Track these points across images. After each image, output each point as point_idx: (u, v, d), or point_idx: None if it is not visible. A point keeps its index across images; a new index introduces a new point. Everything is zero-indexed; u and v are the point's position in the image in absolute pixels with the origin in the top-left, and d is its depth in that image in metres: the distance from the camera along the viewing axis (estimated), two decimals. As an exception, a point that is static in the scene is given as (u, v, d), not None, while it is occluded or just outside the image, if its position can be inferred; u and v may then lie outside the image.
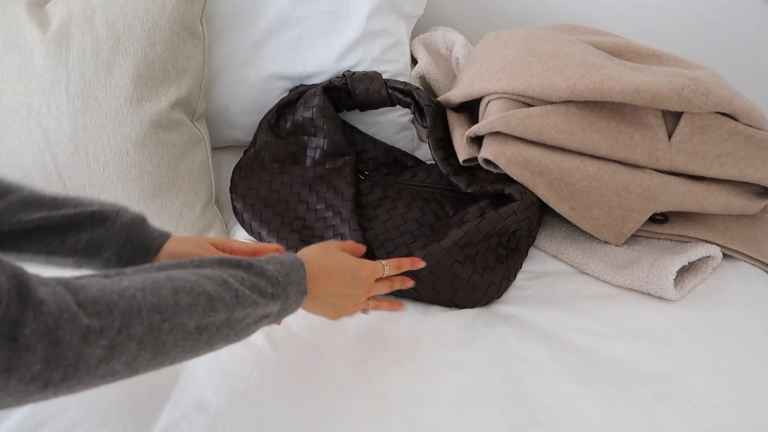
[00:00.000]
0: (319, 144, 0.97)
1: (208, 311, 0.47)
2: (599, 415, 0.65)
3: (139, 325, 0.43)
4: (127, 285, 0.44)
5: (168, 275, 0.47)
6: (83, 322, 0.39)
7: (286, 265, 0.56)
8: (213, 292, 0.48)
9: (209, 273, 0.50)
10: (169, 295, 0.45)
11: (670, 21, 1.24)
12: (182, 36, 0.88)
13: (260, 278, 0.53)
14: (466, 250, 0.80)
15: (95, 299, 0.41)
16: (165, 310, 0.45)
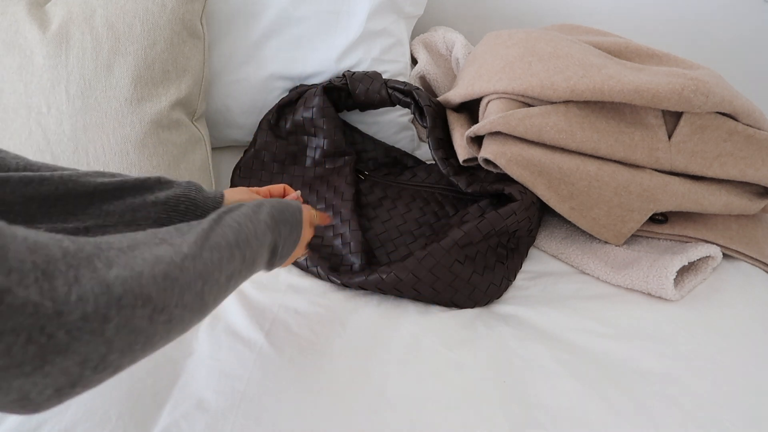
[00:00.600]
0: (319, 144, 0.97)
1: (231, 261, 0.50)
2: (599, 415, 0.65)
3: (190, 293, 0.44)
4: (186, 254, 0.45)
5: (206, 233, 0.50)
6: (150, 305, 0.40)
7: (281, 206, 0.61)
8: (232, 240, 0.51)
9: (227, 220, 0.53)
10: (208, 258, 0.47)
11: (671, 21, 1.24)
12: (182, 36, 0.88)
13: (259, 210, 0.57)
14: (466, 250, 0.80)
15: (164, 274, 0.42)
16: (205, 273, 0.47)
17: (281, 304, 0.79)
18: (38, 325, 0.34)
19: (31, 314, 0.34)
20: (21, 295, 0.33)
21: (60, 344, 0.35)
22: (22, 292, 0.33)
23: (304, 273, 0.85)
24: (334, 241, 0.87)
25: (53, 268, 0.36)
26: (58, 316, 0.35)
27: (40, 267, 0.35)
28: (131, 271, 0.40)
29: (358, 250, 0.84)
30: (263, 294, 0.80)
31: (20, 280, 0.34)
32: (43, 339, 0.34)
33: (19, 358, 0.33)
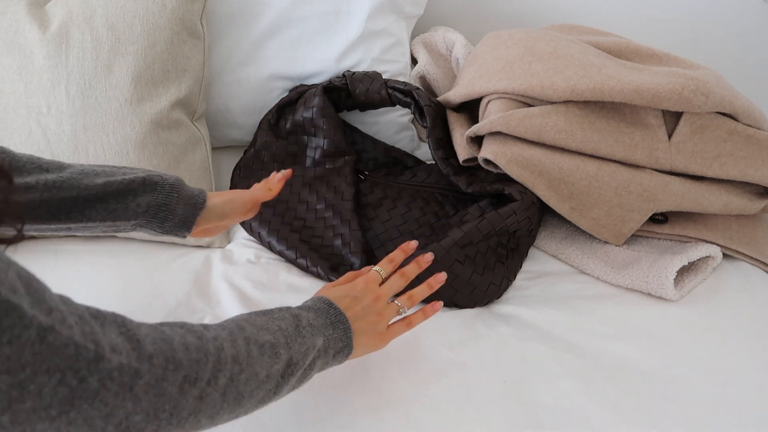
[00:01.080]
0: (319, 144, 0.97)
1: (273, 358, 0.49)
2: (599, 415, 0.65)
3: (224, 375, 0.44)
4: (216, 335, 0.45)
5: (238, 325, 0.50)
6: (182, 372, 0.40)
7: (310, 302, 0.60)
8: (272, 340, 0.50)
9: (258, 320, 0.53)
10: (243, 346, 0.47)
11: (671, 21, 1.24)
12: (182, 36, 0.88)
13: (299, 316, 0.56)
14: (466, 250, 0.80)
15: (196, 346, 0.42)
16: (242, 360, 0.46)
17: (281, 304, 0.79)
18: (74, 368, 0.33)
19: (70, 356, 0.33)
20: (65, 335, 0.33)
21: (90, 391, 0.34)
22: (66, 332, 0.33)
23: (304, 273, 0.85)
24: (334, 241, 0.87)
25: (88, 317, 0.36)
26: (96, 362, 0.35)
27: (77, 313, 0.35)
28: (161, 334, 0.41)
29: (358, 250, 0.84)
30: (263, 294, 0.80)
31: (63, 319, 0.33)
32: (75, 382, 0.33)
33: (47, 400, 0.33)
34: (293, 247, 0.86)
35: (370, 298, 0.62)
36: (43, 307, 0.32)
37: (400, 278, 0.66)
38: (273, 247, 0.88)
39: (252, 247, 0.90)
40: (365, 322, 0.61)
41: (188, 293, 0.80)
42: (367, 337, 0.61)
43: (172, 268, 0.84)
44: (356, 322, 0.60)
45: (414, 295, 0.66)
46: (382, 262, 0.67)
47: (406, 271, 0.66)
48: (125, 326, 0.39)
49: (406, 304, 0.65)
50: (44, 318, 0.32)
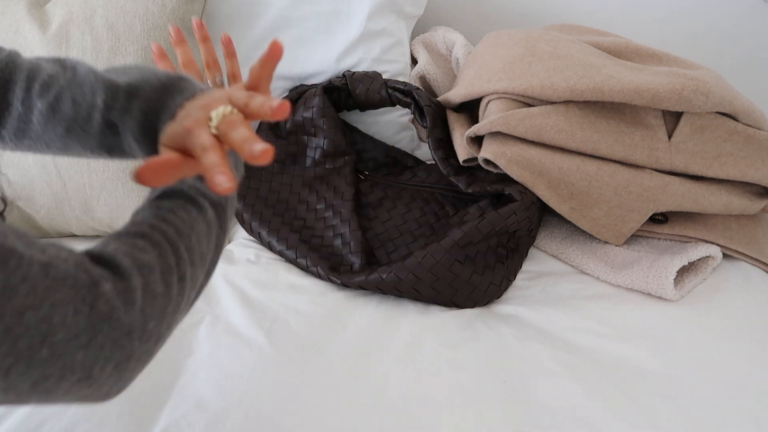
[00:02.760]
0: (319, 144, 0.97)
1: (200, 211, 0.49)
2: (599, 415, 0.65)
3: (183, 250, 0.45)
4: (151, 225, 0.46)
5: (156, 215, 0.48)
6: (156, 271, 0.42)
7: None
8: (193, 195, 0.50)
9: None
10: (174, 220, 0.47)
11: (670, 21, 1.24)
12: (182, 36, 0.88)
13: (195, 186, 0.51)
14: (466, 250, 0.80)
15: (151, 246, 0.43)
16: (183, 229, 0.47)
17: (281, 304, 0.79)
18: (81, 295, 0.36)
19: (71, 286, 0.35)
20: (62, 268, 0.35)
21: (102, 313, 0.37)
22: (63, 265, 0.35)
23: (304, 273, 0.85)
24: (334, 241, 0.87)
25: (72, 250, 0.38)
26: (95, 287, 0.37)
27: (65, 249, 0.38)
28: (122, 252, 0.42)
29: (358, 250, 0.84)
30: (263, 293, 0.80)
31: (57, 254, 0.36)
32: (87, 309, 0.36)
33: (73, 329, 0.35)
34: (293, 247, 0.86)
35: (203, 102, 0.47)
36: (36, 246, 0.35)
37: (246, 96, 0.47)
38: (273, 247, 0.88)
39: (252, 247, 0.90)
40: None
41: (188, 293, 0.80)
42: None
43: (172, 268, 0.84)
44: None
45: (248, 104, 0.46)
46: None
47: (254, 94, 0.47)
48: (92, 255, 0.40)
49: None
50: (41, 256, 0.34)
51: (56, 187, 0.84)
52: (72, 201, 0.85)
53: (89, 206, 0.86)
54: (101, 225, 0.89)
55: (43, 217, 0.87)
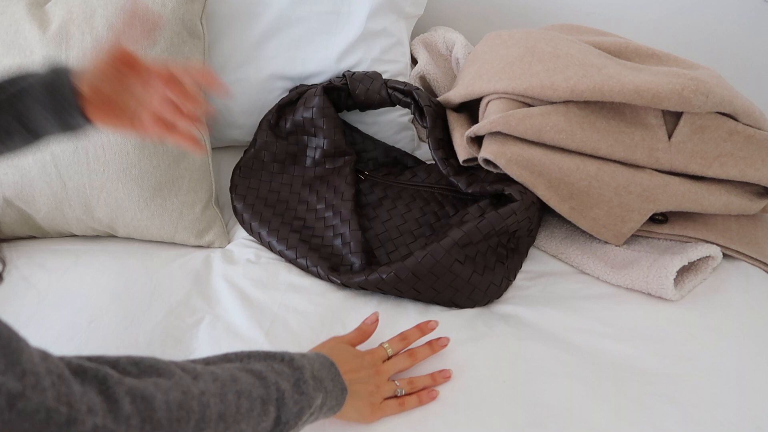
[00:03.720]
0: (319, 144, 0.97)
1: (261, 416, 0.48)
2: (599, 415, 0.65)
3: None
4: (203, 389, 0.44)
5: (232, 376, 0.48)
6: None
7: (316, 361, 0.58)
8: (265, 395, 0.49)
9: (260, 370, 0.51)
10: (233, 402, 0.46)
11: (670, 21, 1.24)
12: (182, 36, 0.88)
13: (302, 373, 0.54)
14: (466, 250, 0.80)
15: (179, 404, 0.41)
16: (229, 417, 0.45)
17: (281, 304, 0.79)
18: (46, 431, 0.33)
19: (41, 421, 0.32)
20: (35, 400, 0.32)
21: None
22: (37, 397, 0.32)
23: (304, 273, 0.85)
24: (334, 241, 0.87)
25: (67, 376, 0.35)
26: (68, 425, 0.34)
27: (55, 372, 0.34)
28: (143, 391, 0.39)
29: (358, 250, 0.84)
30: (263, 293, 0.80)
31: (36, 383, 0.33)
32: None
33: None
34: (293, 247, 0.86)
35: (374, 369, 0.64)
36: (17, 371, 0.32)
37: (407, 358, 0.67)
38: (273, 247, 0.88)
39: (252, 247, 0.90)
40: (363, 387, 0.62)
41: (188, 293, 0.80)
42: (359, 403, 0.61)
43: (172, 268, 0.84)
44: (354, 385, 0.61)
45: (415, 382, 0.66)
46: (393, 340, 0.69)
47: (416, 352, 0.68)
48: (106, 383, 0.38)
49: (405, 387, 0.66)
50: (14, 384, 0.31)
51: (56, 187, 0.84)
52: (72, 201, 0.85)
53: (89, 206, 0.86)
54: (101, 225, 0.89)
55: (43, 217, 0.87)
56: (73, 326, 0.74)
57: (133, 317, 0.76)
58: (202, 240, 0.90)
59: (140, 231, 0.89)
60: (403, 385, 0.66)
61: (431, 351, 0.69)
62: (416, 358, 0.68)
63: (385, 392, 0.64)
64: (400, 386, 0.65)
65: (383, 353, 0.67)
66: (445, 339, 0.70)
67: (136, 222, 0.88)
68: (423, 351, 0.69)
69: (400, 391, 0.65)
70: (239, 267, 0.85)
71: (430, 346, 0.69)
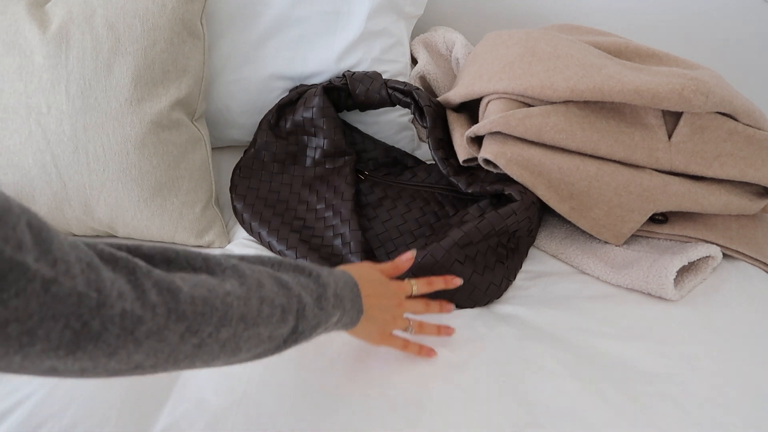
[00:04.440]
0: (319, 144, 0.97)
1: (280, 323, 0.50)
2: (599, 415, 0.65)
3: (227, 331, 0.45)
4: (229, 290, 0.46)
5: (259, 281, 0.49)
6: (184, 323, 0.42)
7: (341, 280, 0.59)
8: (286, 305, 0.51)
9: (287, 281, 0.52)
10: (255, 306, 0.48)
11: (670, 20, 1.24)
12: (182, 36, 0.88)
13: (325, 290, 0.55)
14: (466, 250, 0.80)
15: (204, 300, 0.43)
16: (249, 319, 0.47)
17: (281, 304, 0.79)
18: (78, 313, 0.35)
19: (73, 304, 0.35)
20: (68, 285, 0.35)
21: (93, 333, 0.36)
22: (69, 282, 0.35)
23: (304, 273, 0.85)
24: (334, 241, 0.87)
25: (96, 263, 0.38)
26: (99, 308, 0.36)
27: (85, 260, 0.37)
28: (170, 284, 0.42)
29: (358, 250, 0.84)
30: (263, 294, 0.80)
31: (67, 270, 0.35)
32: (78, 326, 0.36)
33: (55, 342, 0.35)
34: (293, 247, 0.86)
35: (396, 301, 0.67)
36: (49, 258, 0.34)
37: (424, 305, 0.71)
38: (273, 247, 0.88)
39: (252, 247, 0.90)
40: (380, 315, 0.65)
41: (188, 293, 0.80)
42: (372, 327, 0.64)
43: (172, 268, 0.84)
44: (373, 310, 0.63)
45: (424, 327, 0.70)
46: (420, 281, 0.71)
47: (431, 304, 0.72)
48: (134, 274, 0.40)
49: (414, 327, 0.69)
50: (48, 270, 0.34)
51: (56, 187, 0.84)
52: (72, 201, 0.85)
53: (89, 206, 0.86)
54: (101, 225, 0.89)
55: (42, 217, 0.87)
56: (73, 326, 0.74)
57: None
58: (202, 240, 0.90)
59: (140, 231, 0.89)
60: (414, 326, 0.69)
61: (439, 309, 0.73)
62: (430, 310, 0.71)
63: (397, 325, 0.67)
64: (412, 326, 0.69)
65: (409, 289, 0.69)
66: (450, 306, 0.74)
67: (136, 222, 0.88)
68: (435, 306, 0.72)
69: (410, 330, 0.69)
70: (239, 267, 0.85)
71: (439, 305, 0.73)
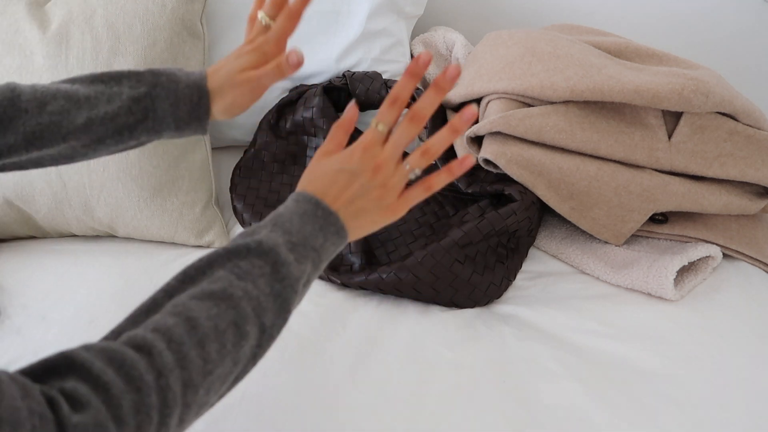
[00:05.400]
0: (319, 144, 0.97)
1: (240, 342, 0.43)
2: (599, 415, 0.65)
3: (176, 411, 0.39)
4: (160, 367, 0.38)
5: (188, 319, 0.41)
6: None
7: (296, 213, 0.49)
8: (237, 318, 0.43)
9: (224, 287, 0.44)
10: (196, 356, 0.40)
11: (670, 21, 1.24)
12: (182, 36, 0.88)
13: (276, 255, 0.46)
14: (466, 250, 0.80)
15: (136, 408, 0.37)
16: (196, 379, 0.40)
17: (281, 304, 0.79)
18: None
19: None
20: None
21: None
22: None
23: (304, 273, 0.85)
24: (334, 241, 0.87)
25: (48, 416, 0.32)
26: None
27: (37, 412, 0.32)
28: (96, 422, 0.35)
29: (358, 250, 0.84)
30: (263, 294, 0.80)
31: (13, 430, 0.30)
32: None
33: None
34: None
35: (369, 169, 0.51)
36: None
37: (409, 125, 0.51)
38: (273, 247, 0.88)
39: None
40: (367, 199, 0.51)
41: (188, 293, 0.80)
42: (371, 216, 0.52)
43: (172, 268, 0.84)
44: (354, 204, 0.51)
45: (429, 148, 0.51)
46: (381, 110, 0.51)
47: (418, 111, 0.50)
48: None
49: (418, 163, 0.52)
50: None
51: (56, 187, 0.84)
52: (72, 201, 0.85)
53: (89, 206, 0.86)
54: (101, 225, 0.89)
55: (43, 217, 0.87)
56: (73, 326, 0.74)
57: (133, 317, 0.76)
58: (202, 240, 0.90)
59: (140, 231, 0.89)
60: (416, 161, 0.52)
61: (436, 94, 0.50)
62: (421, 118, 0.50)
63: (396, 186, 0.52)
64: (413, 165, 0.52)
65: (376, 136, 0.51)
66: (454, 69, 0.48)
67: (136, 222, 0.88)
68: (425, 103, 0.50)
69: (415, 173, 0.52)
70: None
71: (434, 87, 0.50)
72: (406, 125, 0.51)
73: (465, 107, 0.49)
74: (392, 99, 0.51)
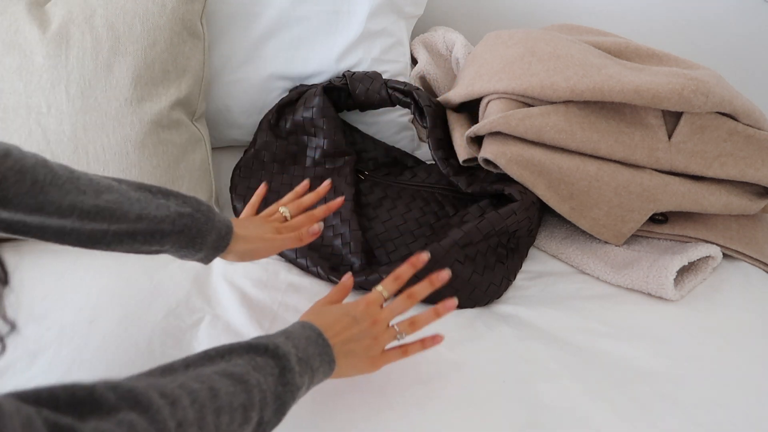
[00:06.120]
0: (319, 144, 0.97)
1: (243, 425, 0.48)
2: (599, 415, 0.65)
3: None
4: (180, 421, 0.42)
5: (211, 390, 0.46)
6: None
7: (302, 337, 0.57)
8: (247, 402, 0.48)
9: (241, 373, 0.49)
10: (212, 422, 0.45)
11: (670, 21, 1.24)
12: (182, 36, 0.88)
13: (287, 361, 0.53)
14: (466, 250, 0.80)
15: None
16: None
17: (281, 303, 0.79)
18: None
19: None
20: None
21: None
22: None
23: (304, 273, 0.85)
24: (334, 241, 0.87)
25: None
26: None
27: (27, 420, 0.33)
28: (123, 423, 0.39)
29: (358, 250, 0.84)
30: (263, 292, 0.80)
31: None
32: None
33: None
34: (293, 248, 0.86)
35: (369, 321, 0.61)
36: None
37: (405, 300, 0.62)
38: (273, 247, 0.88)
39: (252, 247, 0.90)
40: (358, 345, 0.60)
41: (188, 293, 0.80)
42: (357, 360, 0.60)
43: (172, 268, 0.84)
44: (348, 345, 0.59)
45: (416, 321, 0.62)
46: (386, 281, 0.64)
47: (414, 292, 0.62)
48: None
49: (406, 330, 0.62)
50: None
51: (56, 187, 0.84)
52: (72, 201, 0.85)
53: (89, 206, 0.86)
54: (101, 225, 0.89)
55: None
56: (73, 326, 0.74)
57: (133, 317, 0.76)
58: (202, 240, 0.90)
59: (140, 231, 0.89)
60: (405, 328, 0.62)
61: (431, 287, 0.62)
62: (415, 298, 0.62)
63: (384, 342, 0.61)
64: (401, 330, 0.62)
65: (378, 298, 0.62)
66: (444, 274, 0.62)
67: (136, 222, 0.88)
68: (422, 289, 0.62)
69: (400, 337, 0.62)
70: (239, 267, 0.85)
71: (429, 282, 0.62)
72: (403, 299, 0.62)
73: (447, 298, 0.62)
74: (395, 276, 0.64)
